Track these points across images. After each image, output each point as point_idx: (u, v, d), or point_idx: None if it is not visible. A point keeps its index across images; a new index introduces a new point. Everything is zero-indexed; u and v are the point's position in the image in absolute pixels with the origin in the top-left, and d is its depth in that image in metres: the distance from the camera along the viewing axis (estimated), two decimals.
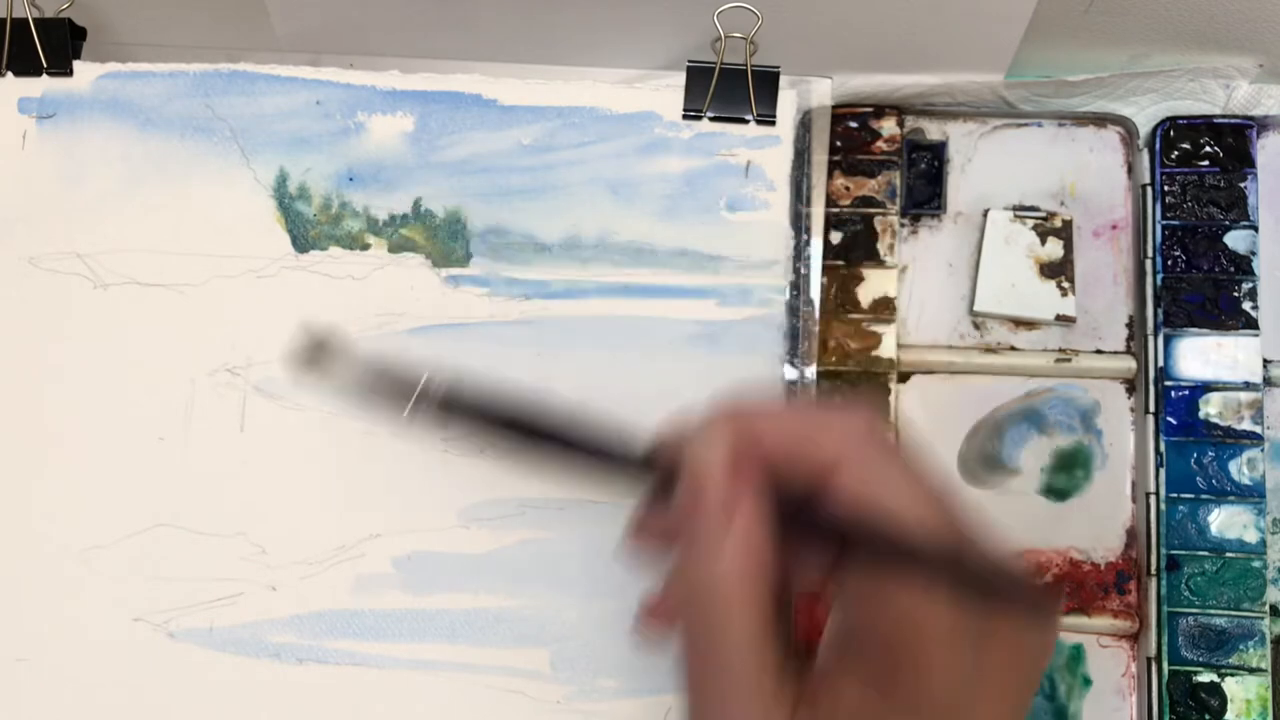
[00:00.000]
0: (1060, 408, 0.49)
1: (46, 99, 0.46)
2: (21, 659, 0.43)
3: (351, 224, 0.45)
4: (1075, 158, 0.51)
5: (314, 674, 0.43)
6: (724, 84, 0.45)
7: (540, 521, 0.44)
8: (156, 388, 0.44)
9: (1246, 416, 0.47)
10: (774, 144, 0.46)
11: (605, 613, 0.43)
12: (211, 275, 0.45)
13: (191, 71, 0.46)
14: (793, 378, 0.45)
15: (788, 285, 0.45)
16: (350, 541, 0.44)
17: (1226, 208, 0.49)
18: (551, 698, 0.43)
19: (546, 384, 0.44)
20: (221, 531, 0.44)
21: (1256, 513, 0.47)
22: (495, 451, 0.43)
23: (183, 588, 0.43)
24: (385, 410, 0.35)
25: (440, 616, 0.43)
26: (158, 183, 0.46)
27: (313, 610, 0.43)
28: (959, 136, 0.51)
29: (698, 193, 0.45)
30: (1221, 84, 0.50)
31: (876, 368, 0.48)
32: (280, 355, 0.44)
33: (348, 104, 0.46)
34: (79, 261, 0.45)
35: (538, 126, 0.46)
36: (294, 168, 0.46)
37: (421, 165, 0.46)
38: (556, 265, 0.45)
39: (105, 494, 0.44)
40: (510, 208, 0.46)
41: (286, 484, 0.44)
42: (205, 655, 0.43)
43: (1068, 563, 0.48)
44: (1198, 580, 0.47)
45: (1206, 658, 0.46)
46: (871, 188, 0.50)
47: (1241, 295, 0.48)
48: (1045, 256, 0.49)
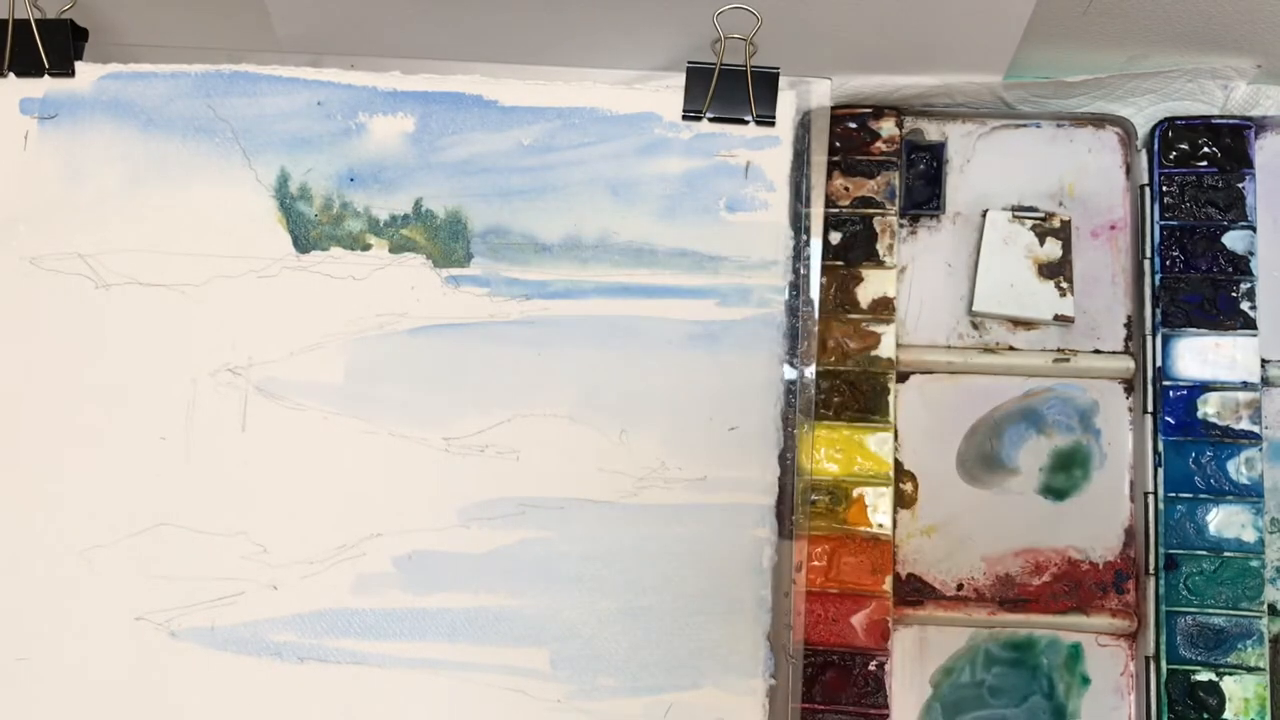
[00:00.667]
0: (1059, 407, 0.49)
1: (48, 99, 0.46)
2: (23, 658, 0.43)
3: (352, 224, 0.46)
4: (1074, 158, 0.51)
5: (315, 673, 0.43)
6: (724, 85, 0.46)
7: (540, 521, 0.44)
8: (158, 388, 0.44)
9: (1244, 416, 0.47)
10: (773, 145, 0.46)
11: (605, 612, 0.43)
12: (213, 275, 0.45)
13: (193, 72, 0.46)
14: (792, 378, 0.45)
15: (787, 285, 0.45)
16: (351, 541, 0.44)
17: (1225, 208, 0.49)
18: (551, 696, 0.43)
19: (546, 384, 0.44)
20: (223, 531, 0.44)
21: (1254, 512, 0.47)
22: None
23: (184, 587, 0.43)
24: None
25: (441, 615, 0.43)
26: (159, 183, 0.46)
27: (314, 609, 0.43)
28: (958, 137, 0.51)
29: (697, 193, 0.46)
30: (1220, 85, 0.50)
31: (875, 367, 0.48)
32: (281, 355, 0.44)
33: (349, 104, 0.46)
34: (81, 261, 0.45)
35: (538, 127, 0.46)
36: (295, 168, 0.46)
37: (422, 166, 0.46)
38: (556, 265, 0.45)
39: (107, 493, 0.44)
40: (510, 208, 0.46)
41: (288, 483, 0.44)
42: (206, 654, 0.43)
43: (1066, 562, 0.48)
44: (1196, 579, 0.47)
45: (1205, 657, 0.46)
46: (871, 188, 0.50)
47: (1239, 295, 0.48)
48: (1044, 257, 0.49)
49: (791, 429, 0.45)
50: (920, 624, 0.48)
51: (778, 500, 0.44)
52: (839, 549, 0.47)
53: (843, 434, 0.48)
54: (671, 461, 0.44)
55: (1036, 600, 0.48)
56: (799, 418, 0.45)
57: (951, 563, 0.49)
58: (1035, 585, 0.48)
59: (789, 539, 0.44)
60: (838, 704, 0.46)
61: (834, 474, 0.48)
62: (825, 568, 0.47)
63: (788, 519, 0.44)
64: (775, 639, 0.43)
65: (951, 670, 0.48)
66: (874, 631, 0.47)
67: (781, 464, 0.44)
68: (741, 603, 0.43)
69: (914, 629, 0.48)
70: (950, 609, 0.48)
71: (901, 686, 0.48)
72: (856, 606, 0.47)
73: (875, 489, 0.48)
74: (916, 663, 0.48)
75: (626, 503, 0.44)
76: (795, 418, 0.45)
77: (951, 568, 0.49)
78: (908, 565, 0.49)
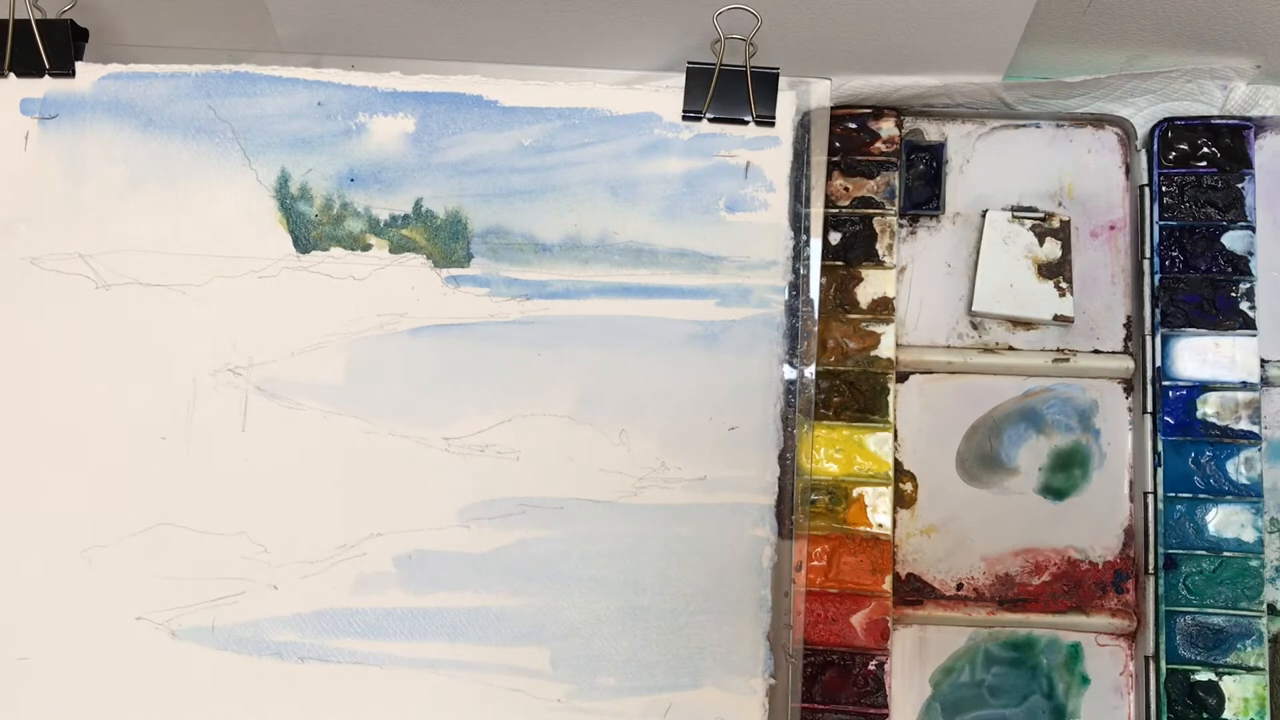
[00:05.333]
0: (1058, 407, 0.49)
1: (49, 100, 0.46)
2: (24, 658, 0.43)
3: (353, 224, 0.46)
4: (1073, 158, 0.51)
5: (315, 672, 0.43)
6: (723, 85, 0.46)
7: (540, 521, 0.44)
8: (159, 387, 0.44)
9: (1244, 416, 0.47)
10: (773, 145, 0.46)
11: (605, 612, 0.43)
12: (213, 275, 0.45)
13: (193, 73, 0.46)
14: (792, 377, 0.45)
15: (787, 285, 0.45)
16: (352, 540, 0.44)
17: (1224, 208, 0.49)
18: (552, 696, 0.43)
19: (546, 384, 0.44)
20: (223, 530, 0.44)
21: (1254, 512, 0.47)
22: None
23: (185, 586, 0.43)
24: None
25: (441, 615, 0.43)
26: (159, 183, 0.46)
27: (314, 609, 0.43)
28: (957, 137, 0.51)
29: (697, 193, 0.46)
30: (1219, 85, 0.51)
31: (875, 367, 0.48)
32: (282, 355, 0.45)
33: (349, 105, 0.46)
34: (81, 262, 0.45)
35: (538, 127, 0.46)
36: (295, 168, 0.46)
37: (422, 166, 0.46)
38: (556, 265, 0.45)
39: (107, 493, 0.44)
40: (510, 208, 0.46)
41: (288, 483, 0.44)
42: (207, 654, 0.43)
43: (1066, 562, 0.48)
44: (1195, 579, 0.47)
45: (1204, 656, 0.46)
46: (870, 188, 0.50)
47: (1239, 295, 0.48)
48: (1043, 257, 0.49)
49: (791, 429, 0.45)
50: (920, 624, 0.48)
51: (777, 500, 0.44)
52: (839, 549, 0.47)
53: (842, 434, 0.48)
54: (671, 461, 0.44)
55: (1036, 600, 0.48)
56: (799, 418, 0.45)
57: (951, 562, 0.49)
58: (1035, 585, 0.48)
59: (789, 539, 0.44)
60: (837, 704, 0.46)
61: (834, 474, 0.48)
62: (825, 567, 0.47)
63: (787, 519, 0.44)
64: (775, 639, 0.43)
65: (951, 670, 0.48)
66: (874, 631, 0.47)
67: (781, 464, 0.44)
68: (741, 602, 0.43)
69: (914, 629, 0.48)
70: (950, 609, 0.48)
71: (901, 686, 0.48)
72: (856, 606, 0.47)
73: (875, 489, 0.48)
74: (916, 662, 0.48)
75: (626, 503, 0.44)
76: (795, 418, 0.45)
77: (951, 567, 0.49)
78: (907, 565, 0.49)
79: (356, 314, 0.45)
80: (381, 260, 0.45)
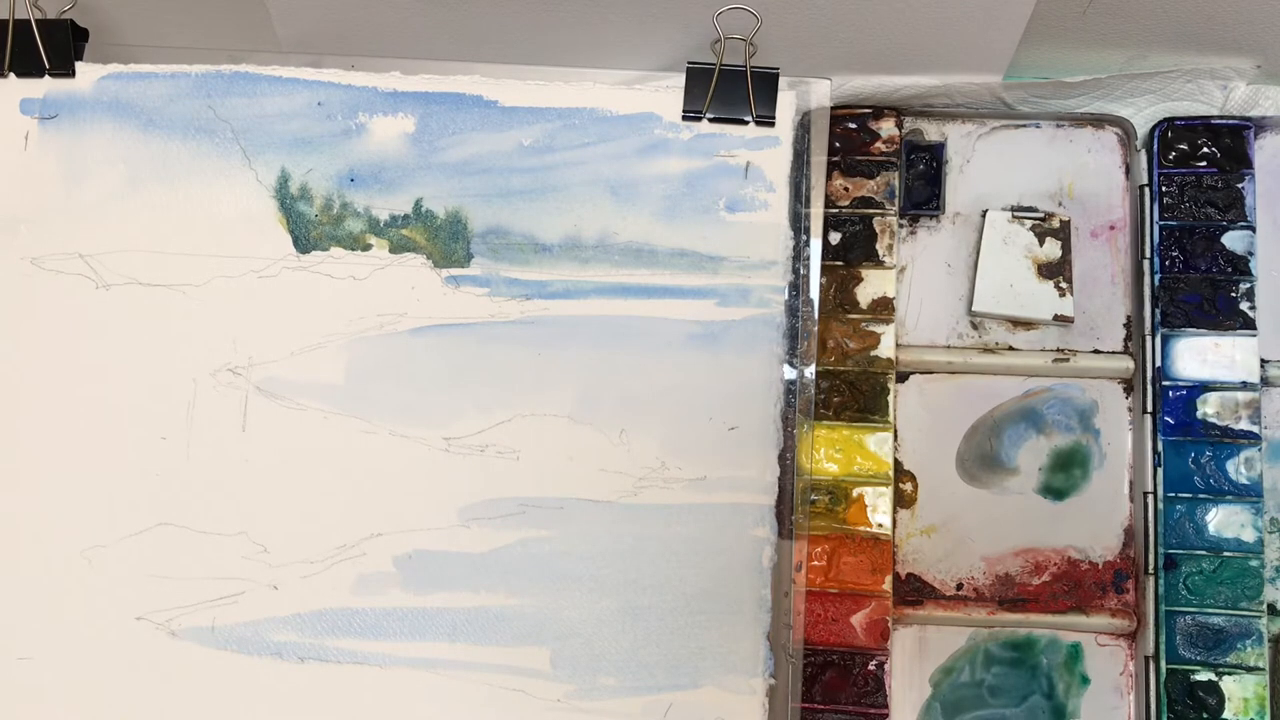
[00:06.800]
0: (1058, 407, 0.49)
1: (49, 100, 0.46)
2: (24, 658, 0.43)
3: (353, 224, 0.46)
4: (1073, 158, 0.51)
5: (315, 672, 0.43)
6: (723, 85, 0.46)
7: (540, 521, 0.44)
8: (159, 387, 0.44)
9: (1244, 416, 0.47)
10: (773, 145, 0.46)
11: (605, 612, 0.43)
12: (213, 275, 0.45)
13: (193, 73, 0.46)
14: (792, 377, 0.45)
15: (787, 285, 0.45)
16: (351, 540, 0.44)
17: (1224, 208, 0.49)
18: (552, 696, 0.43)
19: (546, 384, 0.44)
20: (223, 530, 0.44)
21: (1254, 512, 0.47)
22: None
23: (185, 586, 0.43)
24: None
25: (441, 615, 0.43)
26: (159, 183, 0.46)
27: (314, 609, 0.43)
28: (957, 137, 0.51)
29: (697, 193, 0.46)
30: (1219, 85, 0.51)
31: (875, 367, 0.48)
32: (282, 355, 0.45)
33: (349, 105, 0.46)
34: (81, 262, 0.45)
35: (538, 127, 0.46)
36: (295, 168, 0.46)
37: (422, 166, 0.46)
38: (556, 265, 0.45)
39: (107, 493, 0.44)
40: (511, 208, 0.46)
41: (288, 483, 0.44)
42: (207, 654, 0.43)
43: (1066, 562, 0.48)
44: (1195, 579, 0.47)
45: (1204, 656, 0.46)
46: (870, 188, 0.50)
47: (1239, 295, 0.48)
48: (1043, 257, 0.49)
49: (791, 429, 0.45)
50: (920, 624, 0.48)
51: (777, 500, 0.44)
52: (839, 549, 0.47)
53: (842, 434, 0.48)
54: (671, 461, 0.44)
55: (1036, 600, 0.48)
56: (799, 418, 0.45)
57: (951, 562, 0.49)
58: (1035, 585, 0.48)
59: (789, 539, 0.44)
60: (837, 704, 0.46)
61: (834, 474, 0.48)
62: (825, 567, 0.47)
63: (787, 519, 0.44)
64: (775, 639, 0.43)
65: (951, 670, 0.48)
66: (874, 631, 0.47)
67: (781, 464, 0.44)
68: (741, 602, 0.43)
69: (914, 629, 0.48)
70: (950, 609, 0.48)
71: (901, 686, 0.48)
72: (856, 606, 0.47)
73: (875, 489, 0.48)
74: (916, 662, 0.48)
75: (626, 503, 0.44)
76: (795, 418, 0.45)
77: (951, 567, 0.49)
78: (907, 565, 0.49)
79: (356, 314, 0.45)
80: (382, 260, 0.45)
